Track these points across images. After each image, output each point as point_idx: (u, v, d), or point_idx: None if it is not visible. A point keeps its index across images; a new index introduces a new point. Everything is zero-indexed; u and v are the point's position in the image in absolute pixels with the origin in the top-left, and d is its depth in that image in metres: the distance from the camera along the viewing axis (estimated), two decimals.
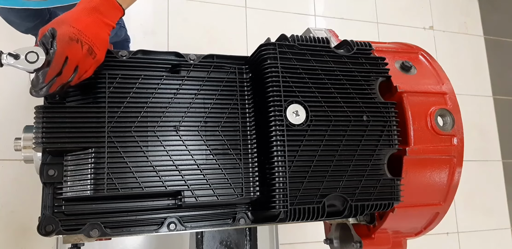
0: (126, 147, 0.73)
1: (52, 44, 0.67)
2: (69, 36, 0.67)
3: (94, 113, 0.73)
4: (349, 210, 0.81)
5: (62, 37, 0.67)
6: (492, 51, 2.89)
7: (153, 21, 2.15)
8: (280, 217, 0.77)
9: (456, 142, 0.91)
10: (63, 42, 0.67)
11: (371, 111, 0.85)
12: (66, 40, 0.67)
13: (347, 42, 0.88)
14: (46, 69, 0.67)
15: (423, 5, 2.82)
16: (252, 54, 0.84)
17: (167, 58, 0.82)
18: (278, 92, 0.78)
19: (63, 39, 0.67)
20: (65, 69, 0.68)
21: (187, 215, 0.78)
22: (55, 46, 0.67)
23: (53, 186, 0.72)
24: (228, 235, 0.97)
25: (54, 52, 0.66)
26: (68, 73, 0.68)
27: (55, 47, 0.67)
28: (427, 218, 0.96)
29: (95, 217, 0.73)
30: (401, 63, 0.95)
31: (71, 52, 0.68)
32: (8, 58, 0.66)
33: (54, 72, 0.67)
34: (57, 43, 0.67)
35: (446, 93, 0.94)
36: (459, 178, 0.92)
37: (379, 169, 0.84)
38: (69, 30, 0.68)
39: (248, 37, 2.30)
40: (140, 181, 0.73)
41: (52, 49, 0.67)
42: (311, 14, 2.52)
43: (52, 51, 0.67)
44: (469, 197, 2.51)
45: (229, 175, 0.78)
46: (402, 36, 2.66)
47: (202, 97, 0.80)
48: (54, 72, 0.67)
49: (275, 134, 0.76)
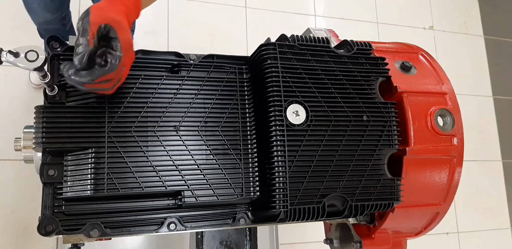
0: (126, 147, 0.73)
1: (117, 47, 0.63)
2: (131, 44, 0.65)
3: (94, 113, 0.73)
4: (349, 210, 0.81)
5: (127, 44, 0.64)
6: (492, 51, 2.89)
7: (153, 21, 2.15)
8: (280, 217, 0.77)
9: (456, 142, 0.91)
10: (128, 51, 0.64)
11: (371, 111, 0.85)
12: (129, 49, 0.65)
13: (347, 42, 0.88)
14: (105, 69, 0.63)
15: (423, 5, 2.83)
16: (252, 54, 0.84)
17: (167, 58, 0.82)
18: (278, 92, 0.78)
19: (128, 48, 0.64)
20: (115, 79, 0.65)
21: (187, 215, 0.78)
22: (120, 51, 0.63)
23: (53, 186, 0.72)
24: (228, 235, 0.97)
25: (120, 58, 0.63)
26: (112, 83, 0.66)
27: (120, 52, 0.63)
28: (427, 218, 0.96)
29: (95, 217, 0.73)
30: (401, 63, 0.95)
31: (130, 62, 0.66)
32: (8, 56, 0.66)
33: (111, 77, 0.64)
34: (123, 50, 0.64)
35: (446, 93, 0.94)
36: (459, 178, 0.92)
37: (379, 169, 0.84)
38: (129, 37, 0.65)
39: (248, 37, 2.30)
40: (140, 181, 0.73)
41: (118, 53, 0.63)
42: (311, 14, 2.52)
43: (118, 54, 0.63)
44: (469, 197, 2.51)
45: (229, 175, 0.78)
46: (402, 36, 2.66)
47: (202, 97, 0.80)
48: (111, 77, 0.64)
49: (275, 134, 0.76)
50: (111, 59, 0.63)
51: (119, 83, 0.69)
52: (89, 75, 0.63)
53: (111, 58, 0.63)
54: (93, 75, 0.63)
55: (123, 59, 0.64)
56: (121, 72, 0.65)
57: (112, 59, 0.63)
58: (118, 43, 0.64)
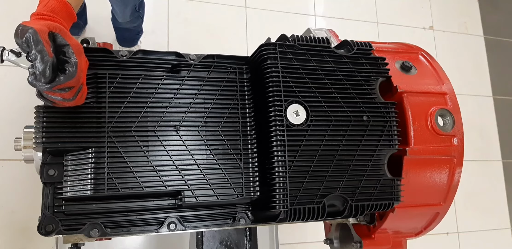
0: (126, 147, 0.73)
1: (71, 54, 0.61)
2: (82, 48, 0.63)
3: (94, 113, 0.73)
4: (349, 210, 0.81)
5: (78, 49, 0.62)
6: (492, 51, 2.89)
7: (153, 21, 2.15)
8: (280, 217, 0.77)
9: (456, 142, 0.91)
10: (81, 56, 0.63)
11: (371, 111, 0.85)
12: (81, 53, 0.63)
13: (347, 42, 0.88)
14: (65, 76, 0.60)
15: (423, 5, 2.82)
16: (252, 54, 0.84)
17: (167, 58, 0.82)
18: (278, 92, 0.78)
19: (80, 52, 0.63)
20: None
21: (187, 215, 0.78)
22: (75, 57, 0.61)
23: (53, 186, 0.72)
24: (228, 235, 0.97)
25: (76, 64, 0.61)
26: (73, 92, 0.64)
27: (75, 58, 0.61)
28: (427, 218, 0.96)
29: (95, 217, 0.73)
30: (401, 63, 0.95)
31: (85, 67, 0.65)
32: (10, 55, 0.66)
33: (71, 84, 0.62)
34: (76, 55, 0.61)
35: (446, 93, 0.94)
36: (459, 178, 0.92)
37: (379, 169, 0.84)
38: (77, 41, 0.63)
39: (248, 37, 2.30)
40: (140, 181, 0.73)
41: (73, 59, 0.61)
42: (311, 14, 2.52)
43: (74, 60, 0.61)
44: (469, 197, 2.51)
45: (229, 175, 0.78)
46: (402, 36, 2.66)
47: (202, 97, 0.80)
48: (72, 84, 0.62)
49: (275, 134, 0.76)
50: (68, 67, 0.61)
51: (82, 94, 0.66)
52: (50, 84, 0.60)
53: (68, 66, 0.61)
54: (53, 84, 0.60)
55: (79, 65, 0.62)
56: (80, 79, 0.63)
57: (69, 67, 0.61)
58: (70, 49, 0.62)
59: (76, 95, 0.65)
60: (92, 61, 0.76)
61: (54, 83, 0.60)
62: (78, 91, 0.65)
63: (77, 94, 0.65)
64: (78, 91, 0.65)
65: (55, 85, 0.60)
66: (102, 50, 0.78)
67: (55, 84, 0.60)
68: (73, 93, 0.64)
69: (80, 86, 0.65)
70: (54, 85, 0.60)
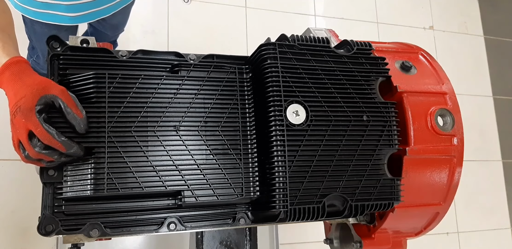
0: (126, 147, 0.73)
1: None
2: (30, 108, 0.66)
3: (94, 113, 0.73)
4: (349, 210, 0.81)
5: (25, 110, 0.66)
6: (492, 51, 2.89)
7: (153, 21, 2.15)
8: (280, 217, 0.77)
9: (456, 142, 0.91)
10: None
11: (371, 111, 0.85)
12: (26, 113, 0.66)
13: (347, 42, 0.88)
14: None
15: (423, 5, 2.83)
16: (252, 54, 0.84)
17: (167, 58, 0.82)
18: (278, 92, 0.78)
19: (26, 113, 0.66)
20: None
21: (187, 215, 0.78)
22: None
23: (53, 186, 0.72)
24: (228, 235, 0.97)
25: None
26: None
27: None
28: (427, 218, 0.96)
29: (95, 217, 0.73)
30: (401, 63, 0.95)
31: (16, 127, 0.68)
32: None
33: None
34: None
35: (446, 93, 0.94)
36: (459, 178, 0.92)
37: (379, 169, 0.84)
38: None
39: (248, 37, 2.30)
40: (140, 181, 0.73)
41: None
42: (311, 14, 2.52)
43: None
44: (469, 197, 2.51)
45: (229, 175, 0.78)
46: (402, 36, 2.66)
47: (202, 97, 0.80)
48: None
49: (275, 133, 0.76)
50: None
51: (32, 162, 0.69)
52: None
53: None
54: None
55: None
56: None
57: None
58: None
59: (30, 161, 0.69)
60: (92, 61, 0.76)
61: None
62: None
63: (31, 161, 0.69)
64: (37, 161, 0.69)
65: None
66: (101, 50, 0.78)
67: None
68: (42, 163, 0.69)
69: None
70: None
